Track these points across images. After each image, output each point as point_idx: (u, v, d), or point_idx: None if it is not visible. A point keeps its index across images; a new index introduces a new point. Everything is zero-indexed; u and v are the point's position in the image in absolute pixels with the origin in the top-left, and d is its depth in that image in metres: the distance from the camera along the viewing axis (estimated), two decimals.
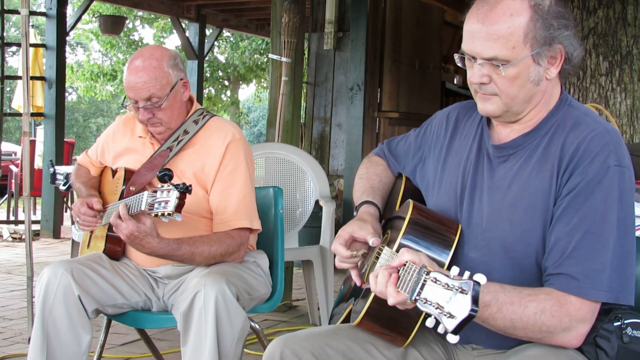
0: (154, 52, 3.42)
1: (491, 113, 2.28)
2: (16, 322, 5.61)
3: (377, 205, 2.64)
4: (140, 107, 3.38)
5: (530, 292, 2.07)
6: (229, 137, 3.47)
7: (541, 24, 2.17)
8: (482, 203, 2.31)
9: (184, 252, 3.20)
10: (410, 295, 1.81)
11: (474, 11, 2.22)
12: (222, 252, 3.31)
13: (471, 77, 2.25)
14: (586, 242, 2.08)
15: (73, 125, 37.25)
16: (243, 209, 3.42)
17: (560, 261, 2.10)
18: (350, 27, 8.32)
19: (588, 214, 2.09)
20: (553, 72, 2.23)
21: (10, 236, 10.24)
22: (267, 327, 5.51)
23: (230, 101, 25.21)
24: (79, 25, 18.84)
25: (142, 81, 3.34)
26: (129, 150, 3.61)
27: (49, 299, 3.18)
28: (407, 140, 2.76)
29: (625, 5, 6.34)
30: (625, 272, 2.08)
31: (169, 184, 2.96)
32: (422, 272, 1.82)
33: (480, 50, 2.19)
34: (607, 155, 2.12)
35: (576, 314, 2.05)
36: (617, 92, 6.33)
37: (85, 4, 11.22)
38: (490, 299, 2.02)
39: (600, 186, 2.10)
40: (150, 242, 3.09)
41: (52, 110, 10.29)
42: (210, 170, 3.43)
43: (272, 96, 6.39)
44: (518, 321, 2.04)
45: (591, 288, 2.05)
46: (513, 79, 2.19)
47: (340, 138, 8.56)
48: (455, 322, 1.74)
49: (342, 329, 2.39)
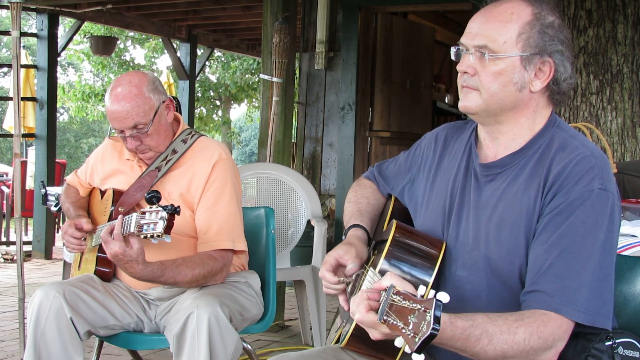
0: (132, 80, 3.40)
1: (469, 109, 2.28)
2: (8, 344, 5.58)
3: (364, 227, 2.64)
4: (127, 136, 3.38)
5: (517, 318, 2.04)
6: (216, 156, 3.47)
7: (538, 30, 2.20)
8: (469, 222, 2.30)
9: (167, 277, 3.19)
10: (379, 316, 1.81)
11: (480, 10, 2.28)
12: (204, 274, 3.29)
13: (459, 66, 2.28)
14: (563, 260, 2.07)
15: (64, 145, 37.19)
16: (226, 230, 3.40)
17: (536, 278, 2.09)
18: (342, 47, 8.35)
19: (567, 233, 2.08)
20: (538, 85, 2.23)
21: (2, 257, 10.20)
22: (260, 347, 5.49)
23: (222, 121, 25.19)
24: (70, 46, 18.82)
25: (125, 110, 3.33)
26: (117, 172, 3.61)
27: (41, 321, 3.16)
28: (397, 162, 2.76)
29: (616, 24, 6.37)
30: (602, 295, 2.06)
31: (157, 205, 2.96)
32: (389, 292, 1.82)
33: (473, 36, 2.23)
34: (592, 178, 2.11)
35: (558, 331, 2.03)
36: (607, 111, 6.36)
37: (77, 25, 11.22)
38: (480, 333, 1.99)
39: (582, 207, 2.09)
40: (134, 267, 3.08)
41: (44, 130, 10.28)
42: (197, 189, 3.42)
43: (264, 116, 6.40)
44: (509, 350, 2.00)
45: (567, 305, 2.03)
46: (497, 75, 2.20)
47: (331, 157, 8.56)
48: (418, 342, 1.73)
49: (332, 349, 2.39)
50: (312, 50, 8.63)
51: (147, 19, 11.80)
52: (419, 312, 1.75)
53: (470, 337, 1.98)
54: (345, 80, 8.28)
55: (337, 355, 2.34)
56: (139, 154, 3.46)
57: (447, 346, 2.01)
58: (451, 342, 1.99)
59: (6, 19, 29.39)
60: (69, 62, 34.00)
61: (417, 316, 1.75)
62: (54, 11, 10.25)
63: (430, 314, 1.74)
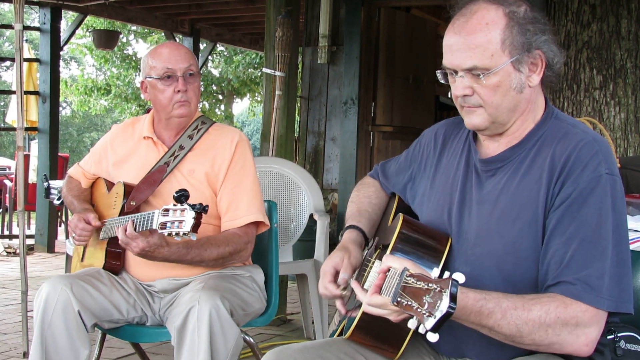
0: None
1: (478, 126, 2.29)
2: (10, 337, 5.59)
3: (360, 228, 2.66)
4: (180, 75, 3.48)
5: (534, 297, 2.06)
6: (237, 137, 3.58)
7: (517, 29, 2.19)
8: (471, 218, 2.31)
9: (193, 255, 3.25)
10: (393, 298, 1.83)
11: (451, 26, 2.26)
12: (230, 251, 3.36)
13: (455, 91, 2.27)
14: (583, 250, 2.07)
15: (67, 139, 37.22)
16: (255, 205, 3.50)
17: (559, 272, 2.09)
18: (344, 41, 8.35)
19: (583, 223, 2.08)
20: (535, 79, 2.24)
21: (5, 250, 10.22)
22: (262, 341, 5.50)
23: (225, 115, 25.21)
24: (73, 40, 18.86)
25: (184, 52, 3.55)
26: (130, 155, 3.64)
27: (48, 314, 3.17)
28: (398, 161, 2.78)
29: (619, 19, 6.36)
30: (622, 281, 2.07)
31: (185, 203, 2.97)
32: (403, 275, 1.84)
33: (459, 62, 2.21)
34: (598, 163, 2.12)
35: (582, 316, 2.02)
36: (611, 106, 6.36)
37: (79, 18, 11.21)
38: (493, 306, 2.01)
39: (593, 194, 2.10)
40: (161, 251, 3.14)
41: (46, 124, 10.28)
42: (220, 168, 3.50)
43: (266, 110, 6.40)
44: (523, 326, 2.02)
45: (591, 294, 2.03)
46: (495, 88, 2.20)
47: (334, 152, 8.56)
48: (434, 320, 1.76)
49: (336, 341, 2.39)
50: (315, 45, 8.63)
51: (149, 12, 11.79)
52: (435, 292, 1.78)
53: (483, 310, 2.01)
54: (348, 75, 8.27)
55: (341, 346, 2.34)
56: (178, 107, 3.53)
57: (461, 320, 2.04)
58: (464, 316, 2.01)
59: (9, 13, 29.40)
60: (72, 56, 34.06)
61: (433, 296, 1.77)
62: (57, 5, 10.24)
63: (446, 293, 1.76)
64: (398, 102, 8.83)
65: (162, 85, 3.49)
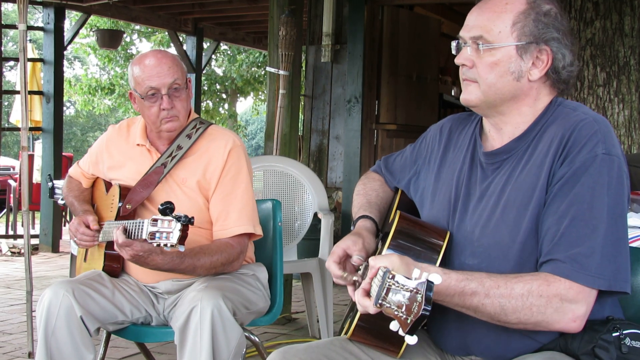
0: (162, 50, 3.62)
1: (470, 101, 2.31)
2: (16, 337, 5.60)
3: (373, 218, 2.65)
4: (163, 94, 3.41)
5: (516, 276, 2.08)
6: (230, 143, 3.51)
7: (533, 18, 2.22)
8: (476, 211, 2.31)
9: (186, 265, 3.21)
10: (375, 300, 1.82)
11: (477, 3, 2.30)
12: (222, 261, 3.32)
13: (457, 59, 2.32)
14: (573, 228, 2.07)
15: (71, 139, 37.26)
16: (245, 215, 3.44)
17: (549, 248, 2.10)
18: (348, 40, 8.35)
19: (575, 201, 2.09)
20: (536, 73, 2.25)
21: (9, 250, 10.24)
22: (267, 340, 5.50)
23: (228, 114, 25.23)
24: (77, 40, 18.87)
25: (166, 66, 3.44)
26: (125, 161, 3.61)
27: (51, 321, 3.16)
28: (403, 155, 2.77)
29: (623, 16, 6.36)
30: (617, 259, 2.07)
31: (171, 216, 2.95)
32: (385, 277, 1.83)
33: (469, 29, 2.27)
34: (595, 143, 2.12)
35: (566, 293, 2.03)
36: (614, 103, 6.35)
37: (83, 18, 11.22)
38: (476, 286, 2.04)
39: (587, 174, 2.10)
40: (154, 258, 3.10)
41: (50, 124, 10.31)
42: (212, 176, 3.45)
43: (270, 109, 6.40)
44: (507, 304, 2.04)
45: (580, 272, 2.03)
46: (493, 65, 2.23)
47: (338, 150, 8.56)
48: (409, 323, 1.75)
49: (340, 340, 2.39)
50: (319, 43, 8.63)
51: (153, 12, 11.81)
52: (411, 294, 1.76)
53: (466, 290, 2.04)
54: (351, 73, 8.27)
55: (343, 346, 2.35)
56: (166, 123, 3.46)
57: (446, 302, 2.07)
58: (448, 297, 2.04)
59: (12, 13, 29.42)
60: (75, 56, 34.11)
61: (409, 298, 1.76)
62: (61, 5, 10.27)
63: (421, 295, 1.75)
64: (402, 100, 8.83)
65: (147, 102, 3.45)
